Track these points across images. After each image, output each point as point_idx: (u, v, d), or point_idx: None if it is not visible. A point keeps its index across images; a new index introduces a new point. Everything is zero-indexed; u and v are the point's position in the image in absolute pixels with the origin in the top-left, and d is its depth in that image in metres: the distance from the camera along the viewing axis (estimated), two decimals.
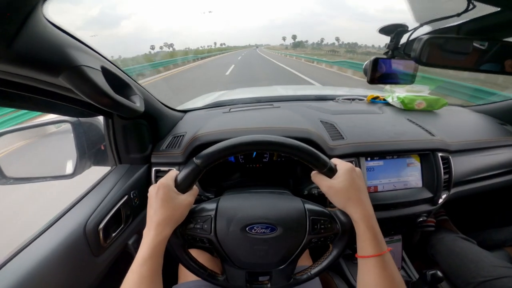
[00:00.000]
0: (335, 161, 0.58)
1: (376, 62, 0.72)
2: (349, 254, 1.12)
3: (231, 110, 1.21)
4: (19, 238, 0.60)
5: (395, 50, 0.69)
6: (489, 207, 1.48)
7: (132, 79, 0.76)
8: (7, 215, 2.29)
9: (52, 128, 1.04)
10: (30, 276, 0.52)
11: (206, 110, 1.28)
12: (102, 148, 0.95)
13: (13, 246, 0.58)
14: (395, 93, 1.34)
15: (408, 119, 1.16)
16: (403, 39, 0.67)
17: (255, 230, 0.54)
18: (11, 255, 0.55)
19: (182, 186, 0.54)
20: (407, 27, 0.64)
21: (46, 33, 0.40)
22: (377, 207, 0.52)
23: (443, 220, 1.35)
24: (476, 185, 1.10)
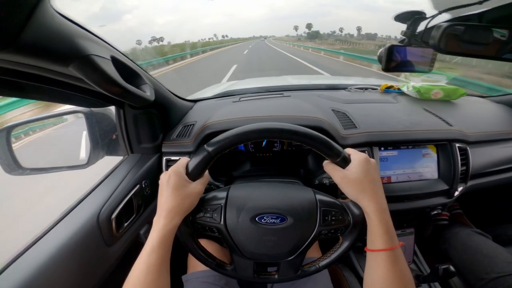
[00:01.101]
0: (349, 151, 0.56)
1: (391, 50, 0.69)
2: (359, 246, 1.11)
3: (241, 99, 1.20)
4: None
5: (412, 38, 0.66)
6: (504, 201, 1.44)
7: (142, 69, 0.76)
8: None
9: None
10: (46, 266, 0.53)
11: (216, 99, 1.28)
12: (114, 138, 0.96)
13: None
14: (411, 83, 1.30)
15: (424, 108, 1.12)
16: (421, 27, 0.64)
17: (265, 220, 0.53)
18: (28, 245, 0.56)
19: (193, 174, 0.53)
20: (425, 14, 0.61)
21: (54, 23, 0.39)
22: (390, 198, 0.51)
23: (457, 214, 1.32)
24: (493, 178, 1.07)
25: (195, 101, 1.25)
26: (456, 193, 0.96)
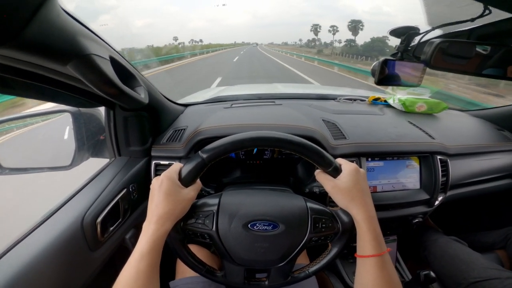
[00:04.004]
0: (340, 161, 0.58)
1: (385, 63, 0.71)
2: (345, 253, 1.13)
3: (233, 105, 1.20)
4: None
5: (404, 52, 0.69)
6: (478, 210, 1.51)
7: (137, 70, 0.74)
8: None
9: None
10: (26, 270, 0.50)
11: (207, 104, 1.27)
12: (102, 138, 0.93)
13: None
14: (397, 95, 1.35)
15: (409, 121, 1.17)
16: (413, 42, 0.67)
17: (257, 227, 0.54)
18: (7, 248, 0.53)
19: (186, 180, 0.53)
20: (419, 29, 0.64)
21: (59, 21, 0.38)
22: (376, 207, 0.54)
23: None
24: (471, 189, 1.12)
25: (186, 105, 1.24)
26: (436, 203, 1.00)
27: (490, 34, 0.56)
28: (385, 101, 1.38)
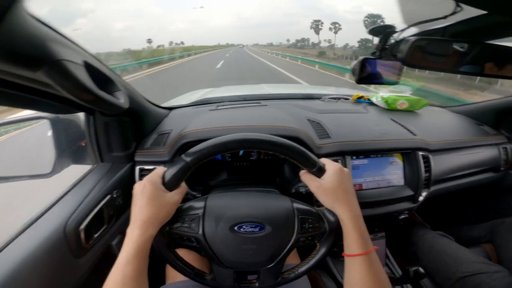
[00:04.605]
0: (324, 161, 0.58)
1: (364, 62, 0.73)
2: (335, 252, 1.13)
3: (218, 107, 1.20)
4: None
5: (383, 51, 0.70)
6: (462, 205, 1.55)
7: (116, 75, 0.73)
8: None
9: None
10: (7, 280, 0.49)
11: (192, 107, 1.26)
12: (83, 144, 0.91)
13: None
14: (379, 93, 1.37)
15: (391, 118, 1.19)
16: (391, 40, 0.68)
17: (243, 229, 0.54)
18: None
19: (169, 184, 0.53)
20: (395, 28, 0.65)
21: (26, 26, 0.37)
22: (362, 204, 0.55)
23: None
24: (453, 183, 1.15)
25: (170, 108, 1.22)
26: (421, 198, 1.03)
27: (463, 31, 0.57)
28: (369, 99, 1.40)
